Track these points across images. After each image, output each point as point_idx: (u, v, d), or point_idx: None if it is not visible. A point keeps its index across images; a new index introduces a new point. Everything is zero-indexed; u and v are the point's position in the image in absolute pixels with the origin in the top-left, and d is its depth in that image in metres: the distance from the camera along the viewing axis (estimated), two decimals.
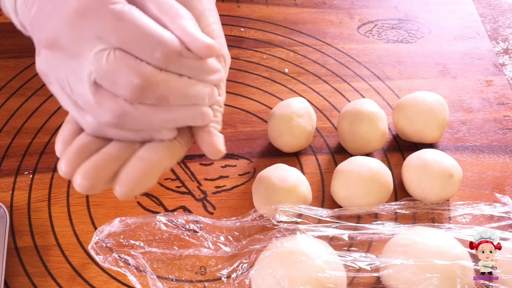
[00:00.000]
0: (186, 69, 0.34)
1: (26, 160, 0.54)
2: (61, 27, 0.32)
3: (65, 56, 0.33)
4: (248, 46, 0.66)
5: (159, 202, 0.52)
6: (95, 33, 0.32)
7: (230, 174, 0.55)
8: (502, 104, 0.61)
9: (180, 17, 0.34)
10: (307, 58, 0.65)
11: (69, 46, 0.32)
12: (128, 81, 0.32)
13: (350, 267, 0.45)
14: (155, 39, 0.32)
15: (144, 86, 0.32)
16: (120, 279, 0.47)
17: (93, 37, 0.32)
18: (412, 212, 0.51)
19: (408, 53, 0.66)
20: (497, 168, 0.56)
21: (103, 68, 0.32)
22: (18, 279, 0.47)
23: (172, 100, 0.34)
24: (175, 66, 0.33)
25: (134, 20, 0.32)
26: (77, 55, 0.32)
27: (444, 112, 0.55)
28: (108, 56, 0.32)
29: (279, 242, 0.46)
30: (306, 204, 0.49)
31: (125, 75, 0.32)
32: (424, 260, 0.44)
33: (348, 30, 0.69)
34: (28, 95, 0.60)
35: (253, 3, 0.71)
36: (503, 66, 0.66)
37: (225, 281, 0.46)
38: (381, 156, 0.56)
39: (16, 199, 0.52)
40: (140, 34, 0.32)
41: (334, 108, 0.60)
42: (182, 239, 0.48)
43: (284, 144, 0.54)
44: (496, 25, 0.71)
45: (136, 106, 0.33)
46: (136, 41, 0.32)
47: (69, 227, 0.50)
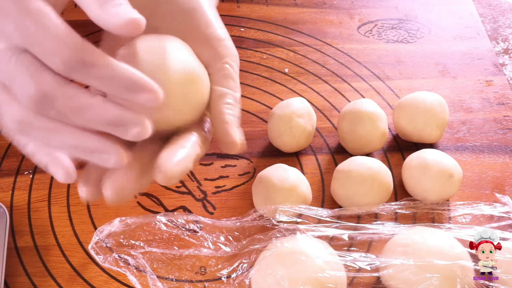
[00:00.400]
0: (94, 81, 0.29)
1: (26, 160, 0.54)
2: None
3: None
4: (248, 46, 0.66)
5: (159, 202, 0.52)
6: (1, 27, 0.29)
7: (230, 174, 0.55)
8: (502, 104, 0.61)
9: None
10: (307, 58, 0.65)
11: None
12: (26, 91, 0.29)
13: (350, 267, 0.45)
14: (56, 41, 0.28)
15: (41, 99, 0.29)
16: (120, 279, 0.47)
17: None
18: (412, 212, 0.51)
19: (408, 53, 0.66)
20: (497, 168, 0.56)
21: (1, 70, 0.29)
22: (18, 279, 0.47)
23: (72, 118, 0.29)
24: (80, 76, 0.29)
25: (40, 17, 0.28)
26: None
27: (444, 112, 0.55)
28: (10, 58, 0.29)
29: (279, 242, 0.46)
30: (306, 204, 0.49)
31: (23, 84, 0.29)
32: (424, 260, 0.44)
33: (348, 30, 0.69)
34: None
35: (253, 3, 0.71)
36: (503, 66, 0.66)
37: (225, 281, 0.46)
38: (381, 156, 0.56)
39: (16, 199, 0.52)
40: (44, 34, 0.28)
41: (334, 108, 0.60)
42: (182, 239, 0.48)
43: (284, 144, 0.54)
44: (496, 25, 0.71)
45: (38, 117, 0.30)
46: (40, 42, 0.28)
47: (69, 227, 0.50)
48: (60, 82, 0.29)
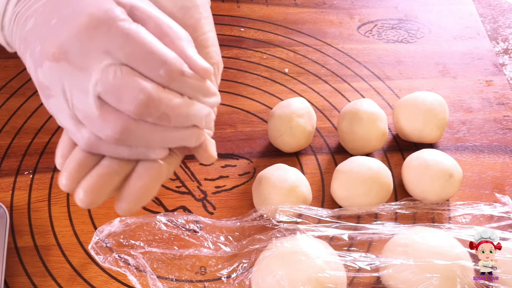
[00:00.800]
0: (187, 89, 0.35)
1: (26, 160, 0.54)
2: (71, 40, 0.33)
3: (72, 69, 0.33)
4: (248, 46, 0.66)
5: (159, 202, 0.52)
6: (104, 47, 0.33)
7: (230, 174, 0.55)
8: (502, 104, 0.61)
9: (180, 39, 0.35)
10: (307, 58, 0.65)
11: (77, 59, 0.33)
12: (133, 97, 0.33)
13: (350, 267, 0.45)
14: (160, 57, 0.33)
15: (148, 102, 0.33)
16: (120, 279, 0.47)
17: (102, 51, 0.33)
18: (412, 212, 0.51)
19: (408, 53, 0.66)
20: (497, 168, 0.56)
21: (109, 82, 0.33)
22: (18, 279, 0.47)
23: (173, 118, 0.35)
24: (177, 85, 0.34)
25: (141, 38, 0.33)
26: (84, 68, 0.33)
27: (444, 112, 0.55)
28: (116, 71, 0.33)
29: (279, 242, 0.46)
30: (306, 204, 0.49)
31: (131, 91, 0.33)
32: (424, 260, 0.44)
33: (348, 30, 0.69)
34: (28, 95, 0.60)
35: (253, 3, 0.71)
36: (503, 66, 0.66)
37: (225, 281, 0.46)
38: (381, 156, 0.56)
39: (16, 199, 0.52)
40: (146, 52, 0.33)
41: (334, 108, 0.60)
42: (182, 239, 0.48)
43: (284, 144, 0.54)
44: (496, 25, 0.71)
45: (138, 122, 0.34)
46: (142, 58, 0.33)
47: (69, 227, 0.50)
48: (161, 88, 0.34)
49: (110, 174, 0.36)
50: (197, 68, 0.35)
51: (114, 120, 0.33)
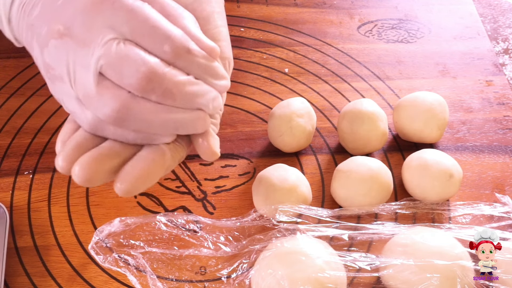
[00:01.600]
0: (193, 68, 0.34)
1: (26, 160, 0.54)
2: (76, 16, 0.33)
3: (75, 44, 0.33)
4: (248, 46, 0.66)
5: (159, 202, 0.52)
6: (108, 23, 0.32)
7: (230, 174, 0.55)
8: (502, 104, 0.61)
9: (183, 18, 0.35)
10: (307, 58, 0.65)
11: (81, 34, 0.32)
12: (135, 69, 0.32)
13: (350, 267, 0.45)
14: (165, 33, 0.33)
15: (151, 76, 0.32)
16: (120, 279, 0.47)
17: (105, 26, 0.32)
18: (412, 212, 0.51)
19: (408, 53, 0.66)
20: (497, 168, 0.56)
21: (111, 55, 0.32)
22: (18, 279, 0.47)
23: (178, 96, 0.33)
24: (183, 63, 0.33)
25: (146, 14, 0.33)
26: (87, 43, 0.32)
27: (444, 112, 0.55)
28: (118, 44, 0.32)
29: (279, 242, 0.46)
30: (306, 204, 0.49)
31: (133, 63, 0.32)
32: (424, 260, 0.44)
33: (348, 30, 0.69)
34: (28, 95, 0.60)
35: (253, 3, 0.71)
36: (503, 66, 0.66)
37: (225, 281, 0.46)
38: (381, 156, 0.56)
39: (16, 199, 0.52)
40: (151, 27, 0.33)
41: (334, 108, 0.60)
42: (182, 239, 0.48)
43: (284, 144, 0.54)
44: (496, 25, 0.71)
45: (138, 100, 0.33)
46: (146, 33, 0.33)
47: (69, 227, 0.50)
48: (165, 63, 0.33)
49: (111, 155, 0.34)
50: (203, 46, 0.34)
51: (111, 97, 0.32)
